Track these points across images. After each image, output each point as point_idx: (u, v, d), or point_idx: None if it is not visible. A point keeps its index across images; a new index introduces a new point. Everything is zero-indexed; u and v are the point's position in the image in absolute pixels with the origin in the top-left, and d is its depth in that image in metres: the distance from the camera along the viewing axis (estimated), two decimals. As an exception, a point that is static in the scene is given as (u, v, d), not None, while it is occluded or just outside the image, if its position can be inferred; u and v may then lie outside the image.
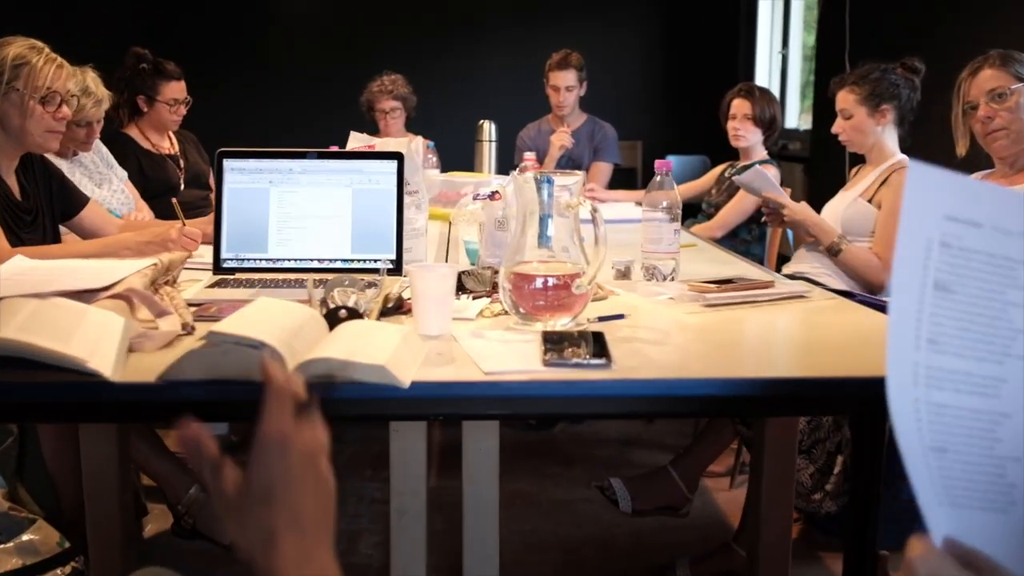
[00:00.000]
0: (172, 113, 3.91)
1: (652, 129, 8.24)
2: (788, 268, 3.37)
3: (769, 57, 7.41)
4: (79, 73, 3.12)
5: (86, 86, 3.13)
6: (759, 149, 3.91)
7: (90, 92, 3.14)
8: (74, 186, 2.74)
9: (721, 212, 3.81)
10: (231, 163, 1.98)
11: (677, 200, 2.03)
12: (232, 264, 1.96)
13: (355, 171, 1.99)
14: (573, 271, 1.58)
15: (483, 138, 3.74)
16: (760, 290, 1.85)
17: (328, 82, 8.09)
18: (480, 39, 8.13)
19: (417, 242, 2.24)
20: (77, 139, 3.21)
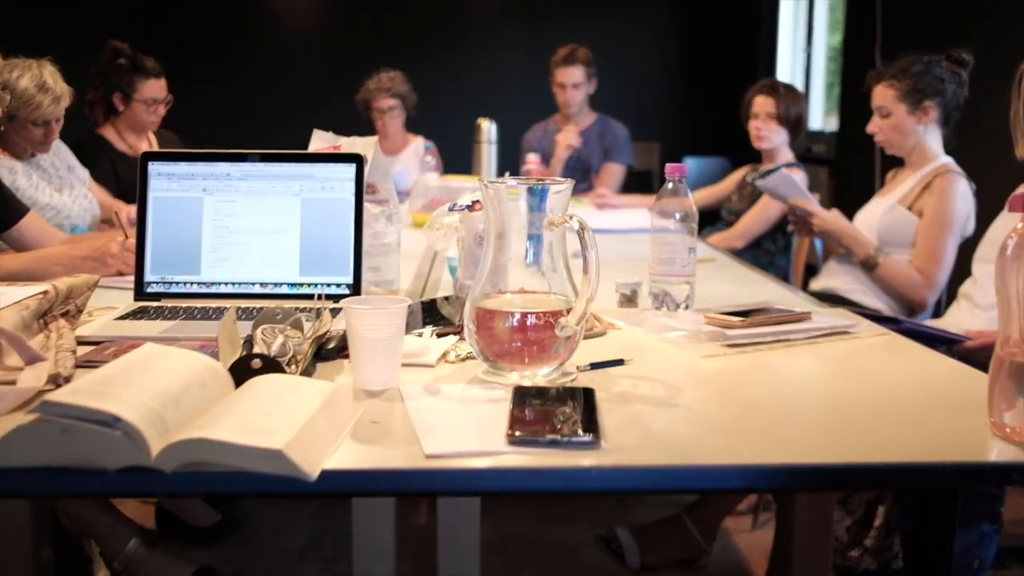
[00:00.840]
0: (150, 113, 3.58)
1: (669, 130, 7.85)
2: (817, 283, 3.00)
3: (791, 54, 7.02)
4: (35, 67, 2.79)
5: (43, 81, 2.79)
6: (784, 151, 3.53)
7: (47, 88, 2.80)
8: (11, 195, 2.39)
9: (742, 220, 3.43)
10: (157, 167, 1.63)
11: (693, 211, 1.66)
12: (157, 289, 1.61)
13: (305, 177, 1.63)
14: (557, 306, 1.22)
15: (482, 139, 3.38)
16: (794, 324, 1.48)
17: (323, 79, 7.72)
18: (486, 34, 7.75)
19: (388, 260, 1.88)
20: (34, 139, 2.88)
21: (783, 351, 1.39)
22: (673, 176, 1.66)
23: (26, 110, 2.77)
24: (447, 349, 1.33)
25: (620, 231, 2.97)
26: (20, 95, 2.75)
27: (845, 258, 2.91)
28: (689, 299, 1.66)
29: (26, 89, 2.76)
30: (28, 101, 2.76)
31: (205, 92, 7.69)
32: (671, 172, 1.66)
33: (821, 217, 2.85)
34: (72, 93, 2.90)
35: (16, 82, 2.76)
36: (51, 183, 3.02)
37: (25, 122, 2.80)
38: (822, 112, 6.58)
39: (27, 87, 2.77)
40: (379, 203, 1.88)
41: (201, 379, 1.01)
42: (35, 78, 2.77)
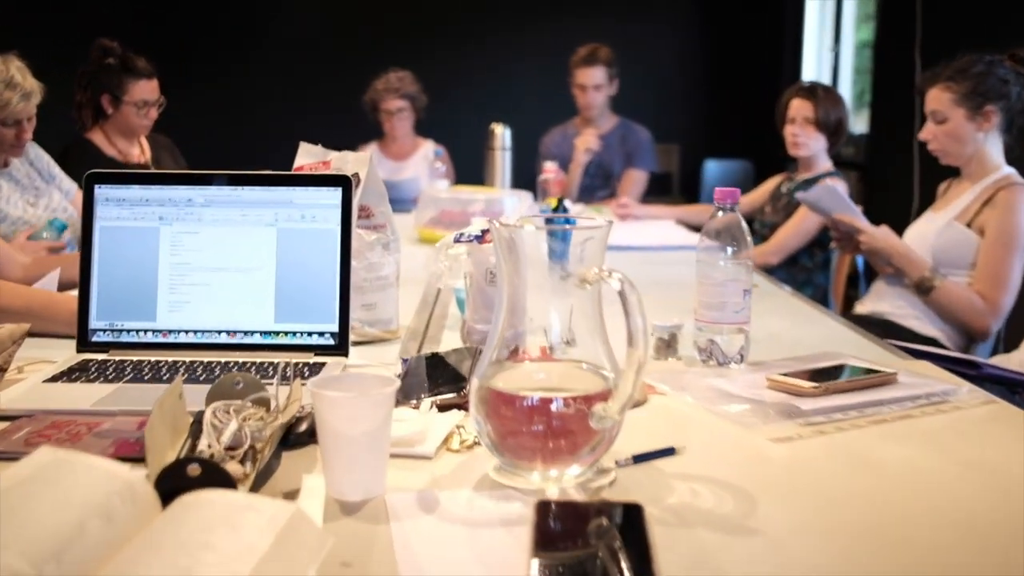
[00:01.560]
0: (141, 117, 3.30)
1: (689, 131, 7.53)
2: (864, 307, 2.70)
3: (818, 52, 6.68)
4: (0, 63, 2.52)
5: (10, 77, 2.51)
6: (822, 159, 3.22)
7: (15, 84, 2.52)
8: None
9: (778, 234, 3.13)
10: (104, 191, 1.34)
11: (747, 243, 1.36)
12: (105, 338, 1.32)
13: (282, 203, 1.34)
14: (591, 385, 0.92)
15: (495, 145, 3.09)
16: (882, 391, 1.18)
17: (328, 80, 7.39)
18: (500, 32, 7.42)
19: (384, 296, 1.59)
20: (4, 141, 2.60)
21: (873, 431, 1.09)
22: (724, 203, 1.36)
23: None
24: (450, 432, 1.04)
25: (648, 248, 2.67)
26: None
27: (895, 279, 2.61)
28: (743, 351, 1.36)
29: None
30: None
31: (204, 92, 7.40)
32: (722, 198, 1.36)
33: (870, 234, 2.55)
34: (43, 89, 2.61)
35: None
36: (24, 194, 2.74)
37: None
38: (852, 113, 6.25)
39: None
40: (374, 229, 1.59)
41: (107, 507, 0.73)
42: (1, 75, 2.49)
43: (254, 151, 7.46)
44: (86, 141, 3.32)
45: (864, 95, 6.10)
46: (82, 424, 1.03)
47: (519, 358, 0.96)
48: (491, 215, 2.71)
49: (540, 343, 0.97)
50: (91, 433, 1.01)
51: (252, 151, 7.46)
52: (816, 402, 1.13)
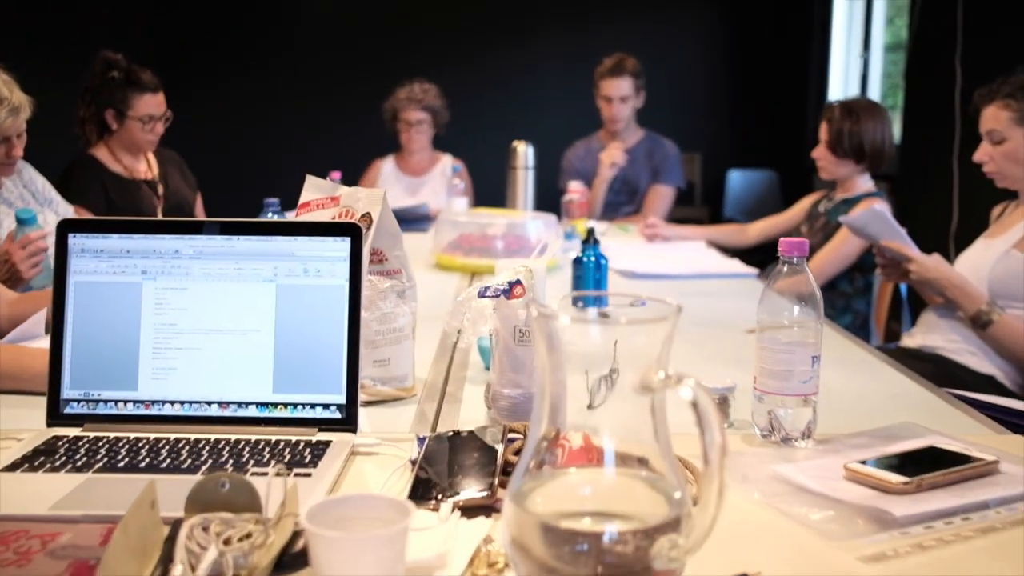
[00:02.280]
0: (146, 132, 3.14)
1: (713, 140, 7.33)
2: (913, 339, 2.50)
3: (846, 59, 6.47)
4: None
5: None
6: (860, 180, 3.01)
7: (2, 99, 2.36)
8: None
9: (817, 258, 2.92)
10: (80, 240, 1.17)
11: (817, 302, 1.18)
12: (79, 410, 1.15)
13: (283, 255, 1.17)
14: (656, 513, 0.74)
15: (517, 164, 2.90)
16: (982, 487, 0.99)
17: (345, 92, 7.21)
18: (521, 41, 7.22)
19: (399, 349, 1.41)
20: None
21: (980, 544, 0.90)
22: (790, 255, 1.17)
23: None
24: (477, 549, 0.86)
25: (680, 276, 2.49)
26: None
27: (947, 310, 2.41)
28: (811, 426, 1.17)
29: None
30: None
31: (214, 103, 7.24)
32: (788, 250, 1.18)
33: (920, 263, 2.35)
34: (33, 103, 2.45)
35: None
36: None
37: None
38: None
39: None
40: (387, 275, 1.41)
41: None
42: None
43: (267, 165, 7.34)
44: (90, 158, 3.16)
45: (890, 99, 5.88)
46: (35, 537, 0.85)
47: (559, 458, 0.77)
48: (513, 241, 2.54)
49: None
50: (45, 551, 0.83)
51: (265, 165, 7.34)
52: (910, 504, 0.95)
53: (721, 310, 2.11)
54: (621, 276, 2.49)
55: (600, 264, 1.94)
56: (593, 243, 1.95)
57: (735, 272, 2.53)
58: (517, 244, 2.53)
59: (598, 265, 1.94)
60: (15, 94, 2.38)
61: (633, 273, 2.48)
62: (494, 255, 2.51)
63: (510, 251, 2.52)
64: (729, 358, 1.68)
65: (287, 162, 7.27)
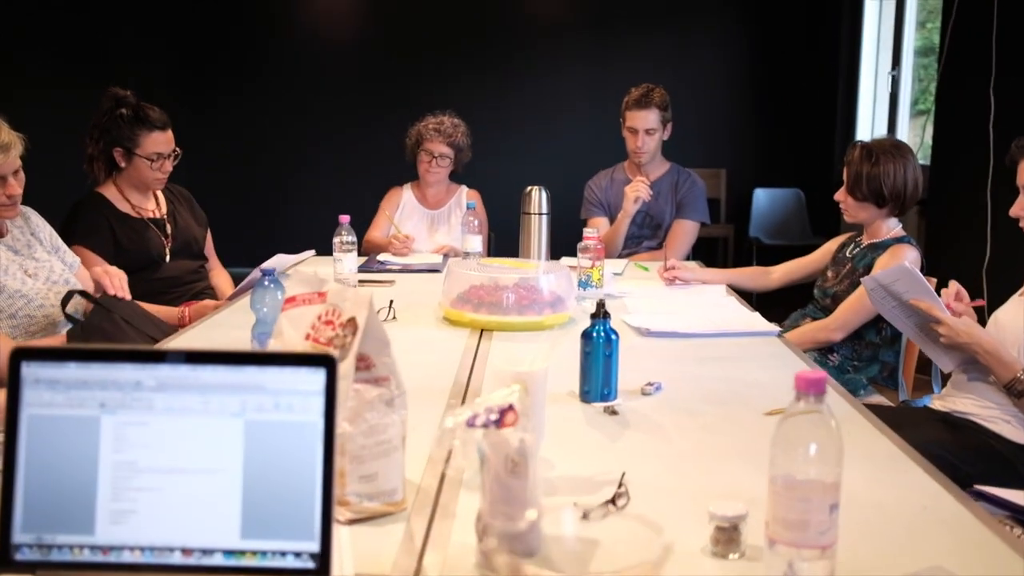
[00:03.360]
0: (154, 170, 3.06)
1: (738, 156, 7.17)
2: (942, 402, 2.37)
3: (874, 78, 6.30)
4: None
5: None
6: (885, 223, 2.87)
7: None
8: None
9: (842, 308, 2.79)
10: (35, 370, 1.07)
11: (837, 443, 1.06)
12: (30, 556, 1.05)
13: (252, 388, 1.07)
14: None
15: (531, 210, 2.79)
16: None
17: (361, 121, 7.10)
18: (543, 56, 7.08)
19: (388, 462, 1.31)
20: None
21: None
22: (807, 393, 1.06)
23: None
24: None
25: (696, 335, 2.37)
26: None
27: (978, 372, 2.29)
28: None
29: None
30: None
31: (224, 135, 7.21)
32: (804, 386, 1.06)
33: (952, 328, 2.22)
34: (24, 140, 2.38)
35: None
36: (24, 266, 2.51)
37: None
38: (908, 138, 5.86)
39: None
40: (375, 383, 1.31)
41: None
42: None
43: (278, 199, 7.30)
44: (98, 196, 3.10)
45: (921, 103, 5.68)
46: None
47: None
48: (524, 296, 2.43)
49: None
50: None
51: (276, 199, 7.31)
52: None
53: (738, 382, 2.00)
54: (636, 334, 2.38)
55: (611, 339, 1.83)
56: (603, 316, 1.84)
57: (755, 330, 2.41)
58: (528, 299, 2.42)
59: (608, 340, 1.82)
60: (3, 132, 2.32)
61: (648, 331, 2.37)
62: (504, 311, 2.41)
63: (521, 306, 2.41)
64: (746, 452, 1.57)
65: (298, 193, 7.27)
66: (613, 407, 1.80)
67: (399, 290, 2.98)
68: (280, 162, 7.30)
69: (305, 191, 7.31)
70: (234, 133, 7.23)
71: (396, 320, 2.50)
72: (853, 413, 1.80)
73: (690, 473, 1.50)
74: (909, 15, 5.75)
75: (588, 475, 1.47)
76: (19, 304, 2.40)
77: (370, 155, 6.82)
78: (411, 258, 3.51)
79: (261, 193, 7.36)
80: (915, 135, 5.77)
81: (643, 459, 1.56)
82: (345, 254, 2.85)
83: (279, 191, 7.36)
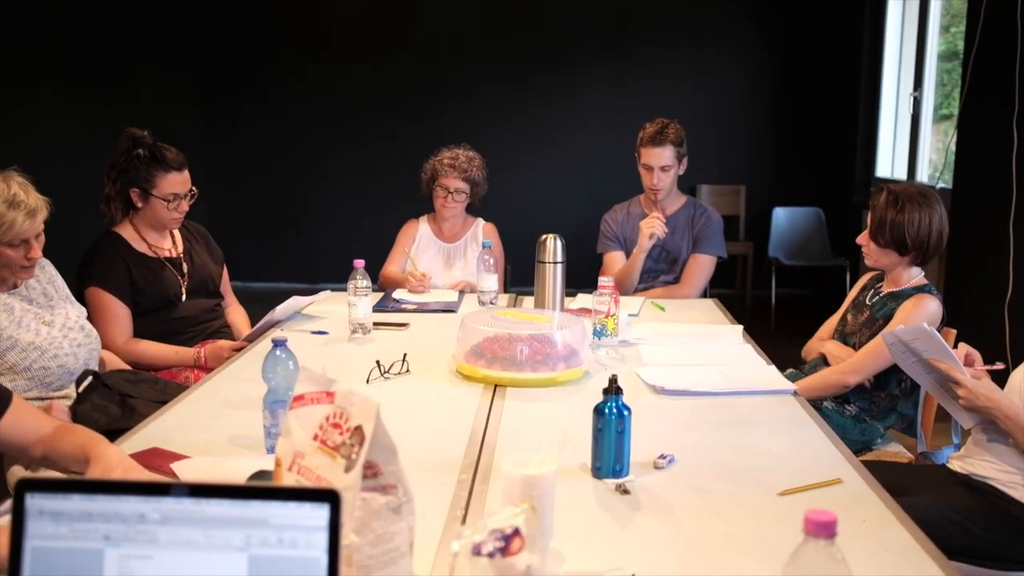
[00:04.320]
0: (171, 210, 3.08)
1: (757, 173, 7.14)
2: (960, 463, 2.34)
3: (896, 98, 6.24)
4: (1, 180, 2.33)
5: (12, 195, 2.33)
6: (909, 272, 2.83)
7: (18, 203, 2.34)
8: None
9: (859, 353, 2.77)
10: (38, 501, 1.07)
11: None
12: None
13: (255, 523, 1.06)
14: None
15: (546, 259, 2.77)
16: None
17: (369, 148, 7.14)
18: (561, 73, 7.06)
19: (395, 570, 1.30)
20: (14, 263, 2.41)
21: None
22: (818, 535, 1.04)
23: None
24: None
25: (711, 393, 2.34)
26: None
27: (998, 434, 2.25)
28: None
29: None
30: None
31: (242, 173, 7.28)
32: (815, 530, 1.04)
33: (971, 391, 2.19)
34: (49, 203, 2.41)
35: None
36: (40, 315, 2.52)
37: (1, 245, 2.33)
38: (929, 164, 5.80)
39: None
40: (382, 491, 1.30)
41: None
42: (1, 195, 2.30)
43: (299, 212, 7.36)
44: (115, 236, 3.10)
45: (944, 108, 5.60)
46: None
47: None
48: (538, 350, 2.42)
49: None
50: None
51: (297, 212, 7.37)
52: None
53: (751, 453, 1.97)
54: (652, 392, 2.36)
55: (623, 416, 1.81)
56: (616, 392, 1.82)
57: (771, 388, 2.38)
58: (542, 353, 2.41)
59: (620, 417, 1.81)
60: (31, 196, 2.35)
61: (663, 389, 2.35)
62: (519, 366, 2.40)
63: (535, 361, 2.40)
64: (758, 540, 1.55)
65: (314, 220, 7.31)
66: (625, 485, 1.78)
67: (413, 333, 2.97)
68: (303, 176, 7.35)
69: (326, 204, 7.36)
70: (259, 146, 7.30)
71: (409, 373, 2.49)
72: (869, 494, 1.77)
73: (700, 564, 1.48)
74: (931, 36, 5.68)
75: (597, 570, 1.46)
76: (33, 357, 2.40)
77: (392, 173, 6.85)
78: (426, 295, 3.50)
79: (283, 206, 7.41)
80: (938, 140, 5.70)
81: (654, 548, 1.54)
82: (360, 299, 2.84)
83: (301, 204, 7.41)
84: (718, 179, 7.06)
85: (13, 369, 2.38)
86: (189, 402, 2.29)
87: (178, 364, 3.02)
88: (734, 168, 7.10)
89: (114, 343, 2.96)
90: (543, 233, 2.83)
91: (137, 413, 2.38)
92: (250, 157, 7.37)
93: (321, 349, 2.77)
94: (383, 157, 7.23)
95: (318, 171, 7.38)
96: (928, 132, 5.76)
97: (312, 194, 7.41)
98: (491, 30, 7.10)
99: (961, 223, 4.64)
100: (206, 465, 1.82)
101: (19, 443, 1.86)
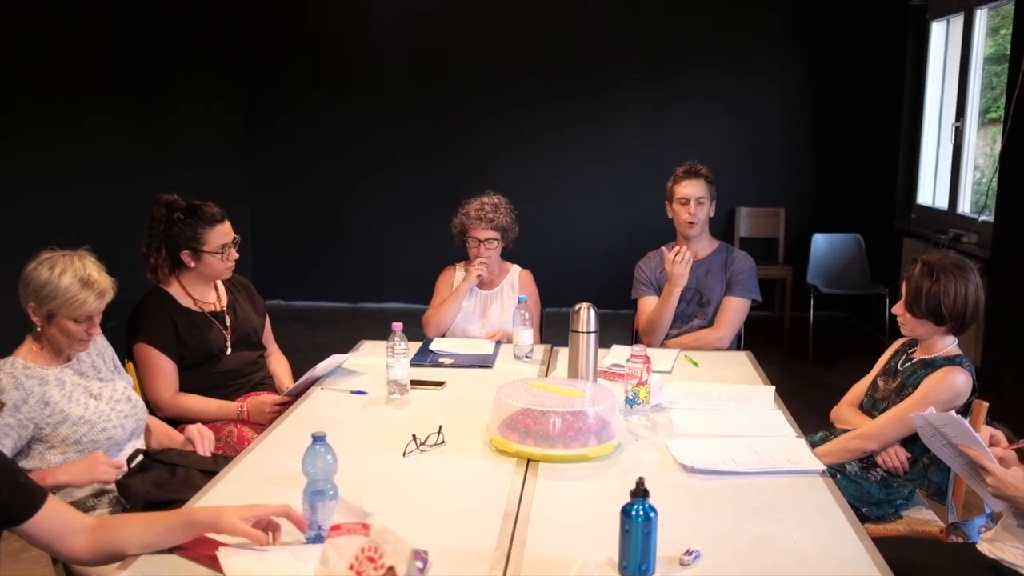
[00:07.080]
0: (224, 260, 3.19)
1: (796, 196, 7.12)
2: (992, 548, 2.35)
3: (938, 128, 6.19)
4: (75, 261, 2.46)
5: (87, 275, 2.48)
6: (943, 341, 2.84)
7: (91, 283, 2.48)
8: (27, 482, 1.93)
9: (880, 422, 2.79)
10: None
11: None
12: None
13: None
14: None
15: (580, 328, 2.81)
16: None
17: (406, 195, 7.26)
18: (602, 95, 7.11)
19: None
20: (74, 336, 2.52)
21: None
22: None
23: (68, 308, 2.45)
24: None
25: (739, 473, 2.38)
26: (63, 293, 2.44)
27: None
28: None
29: (69, 287, 2.46)
30: (71, 299, 2.45)
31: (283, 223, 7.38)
32: None
33: (1000, 480, 2.20)
34: (115, 284, 2.54)
35: (58, 280, 2.43)
36: (89, 388, 2.62)
37: (66, 319, 2.46)
38: (972, 196, 5.75)
39: (70, 284, 2.46)
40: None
41: None
42: (77, 273, 2.45)
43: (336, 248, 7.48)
44: (162, 293, 3.20)
45: (993, 112, 5.52)
46: None
47: None
48: (571, 426, 2.47)
49: None
50: None
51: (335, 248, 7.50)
52: None
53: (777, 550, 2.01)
54: (682, 471, 2.41)
55: (649, 518, 1.86)
56: (643, 494, 1.87)
57: (799, 468, 2.42)
58: (574, 428, 2.47)
59: (647, 519, 1.86)
60: (102, 277, 2.48)
61: (692, 468, 2.39)
62: (551, 441, 2.46)
63: (567, 437, 2.46)
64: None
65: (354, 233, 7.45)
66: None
67: (448, 395, 3.03)
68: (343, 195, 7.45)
69: (366, 223, 7.45)
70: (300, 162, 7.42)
71: (444, 444, 2.56)
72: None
73: None
74: (975, 66, 5.63)
75: None
76: (83, 430, 2.50)
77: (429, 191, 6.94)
78: (462, 346, 3.56)
79: (322, 224, 7.52)
80: (985, 145, 5.64)
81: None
82: (398, 360, 2.92)
83: (341, 222, 7.52)
84: (757, 202, 7.06)
85: (65, 442, 2.48)
86: (233, 476, 2.37)
87: (222, 418, 3.11)
88: (773, 191, 7.09)
89: (160, 398, 3.07)
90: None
91: (188, 482, 2.47)
92: (292, 176, 7.50)
93: (360, 412, 2.85)
94: (421, 176, 7.32)
95: (359, 191, 7.49)
96: (970, 163, 5.72)
97: (353, 216, 7.52)
98: (532, 49, 7.14)
99: (1004, 238, 4.59)
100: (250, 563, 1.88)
101: (56, 538, 1.92)
